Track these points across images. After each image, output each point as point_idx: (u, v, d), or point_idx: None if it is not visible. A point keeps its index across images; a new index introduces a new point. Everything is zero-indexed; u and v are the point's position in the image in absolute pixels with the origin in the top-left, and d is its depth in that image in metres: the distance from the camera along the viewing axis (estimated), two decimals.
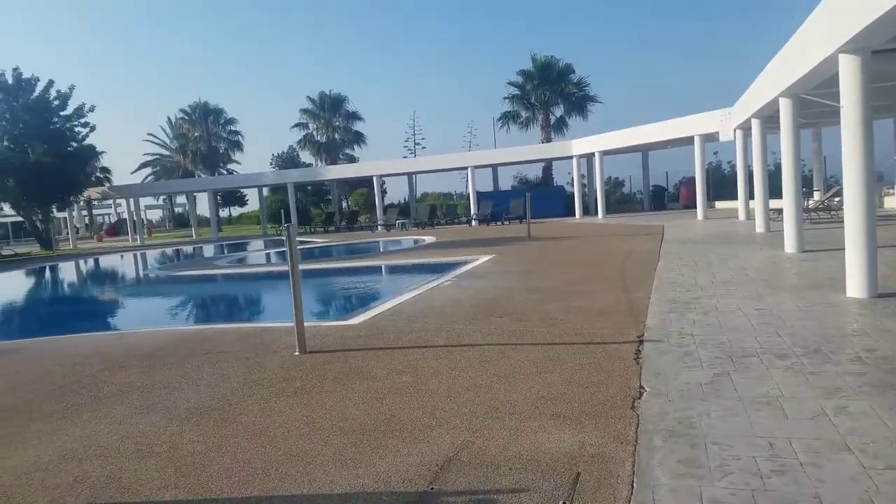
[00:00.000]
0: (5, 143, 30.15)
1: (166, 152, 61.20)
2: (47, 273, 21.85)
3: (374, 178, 30.61)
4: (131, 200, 36.30)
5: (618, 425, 3.35)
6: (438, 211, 31.64)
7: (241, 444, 3.53)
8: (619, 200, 34.75)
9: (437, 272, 10.95)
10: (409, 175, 34.91)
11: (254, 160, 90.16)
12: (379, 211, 30.97)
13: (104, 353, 6.31)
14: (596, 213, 27.22)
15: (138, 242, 34.64)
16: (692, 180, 24.27)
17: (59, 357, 6.30)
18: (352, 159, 45.93)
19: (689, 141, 22.18)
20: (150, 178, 58.49)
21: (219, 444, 3.57)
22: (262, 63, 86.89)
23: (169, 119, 59.20)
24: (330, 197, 52.63)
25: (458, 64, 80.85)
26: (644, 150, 29.01)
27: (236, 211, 72.56)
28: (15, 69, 30.35)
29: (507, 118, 39.83)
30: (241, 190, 57.25)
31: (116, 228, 52.86)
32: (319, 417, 3.86)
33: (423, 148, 58.88)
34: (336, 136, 44.33)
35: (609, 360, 4.62)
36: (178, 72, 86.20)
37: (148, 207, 64.07)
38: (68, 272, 22.05)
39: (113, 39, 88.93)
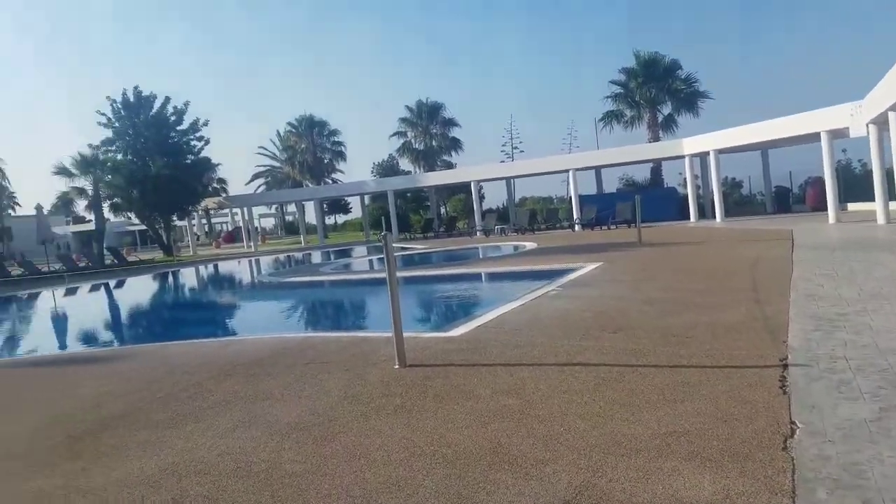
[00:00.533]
0: (129, 157, 32.51)
1: (276, 164, 64.39)
2: (165, 279, 23.27)
3: (472, 184, 30.41)
4: (245, 209, 38.24)
5: (768, 470, 2.82)
6: (539, 215, 30.96)
7: (339, 468, 3.32)
8: (737, 202, 32.58)
9: (540, 280, 10.48)
10: (508, 179, 34.43)
11: (357, 169, 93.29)
12: (477, 216, 30.73)
13: (211, 361, 6.39)
14: (713, 216, 25.44)
15: (252, 249, 36.36)
16: (819, 180, 22.24)
17: (169, 364, 6.45)
18: (449, 165, 46.18)
19: (813, 138, 20.31)
20: (261, 189, 61.65)
21: (317, 465, 3.38)
22: (363, 74, 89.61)
23: (278, 132, 62.32)
24: (429, 203, 53.25)
25: (555, 64, 79.57)
26: (764, 148, 26.95)
27: (341, 218, 75.24)
28: (136, 87, 32.82)
29: (610, 118, 38.60)
30: (345, 198, 59.18)
31: (233, 236, 56.04)
32: (420, 441, 3.58)
33: (521, 151, 58.25)
34: (433, 142, 44.73)
35: (749, 387, 4.02)
36: (289, 86, 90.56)
37: (262, 216, 67.54)
38: (184, 278, 23.37)
39: (227, 57, 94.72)
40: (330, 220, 78.53)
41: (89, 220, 36.78)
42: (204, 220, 64.37)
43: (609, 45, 77.55)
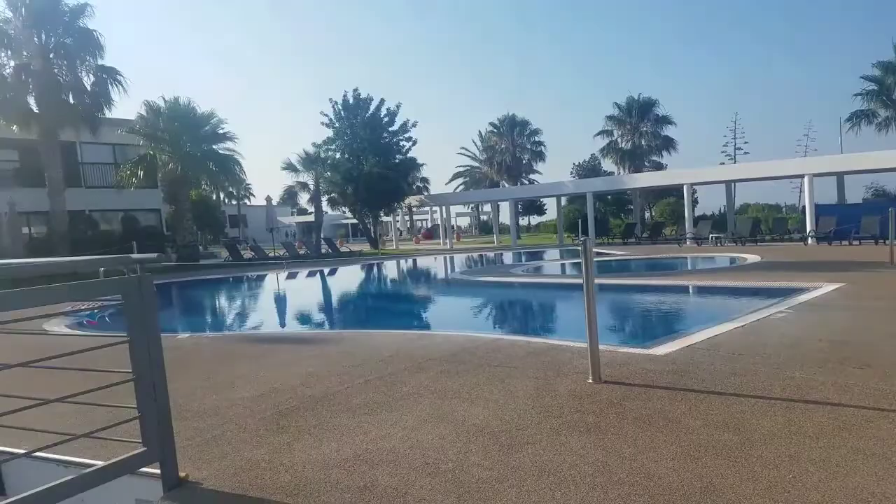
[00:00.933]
0: (346, 156, 35.38)
1: (476, 164, 66.45)
2: (371, 270, 24.92)
3: (685, 187, 28.22)
4: (443, 208, 39.83)
5: None
6: (763, 225, 27.87)
7: (527, 482, 3.12)
8: None
9: (765, 299, 9.25)
10: (728, 183, 31.36)
11: (555, 170, 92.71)
12: (688, 223, 28.50)
13: (406, 352, 6.55)
14: None
15: (448, 247, 37.77)
16: None
17: (369, 352, 6.73)
18: (658, 166, 43.81)
19: None
20: (460, 188, 63.99)
21: (504, 475, 3.22)
22: (563, 71, 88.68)
23: (479, 133, 64.18)
24: (631, 206, 51.05)
25: (788, 57, 71.87)
26: None
27: (535, 220, 75.54)
28: (355, 90, 35.64)
29: (859, 118, 33.90)
30: (541, 199, 59.15)
31: (431, 233, 58.99)
32: (617, 467, 3.24)
33: (746, 153, 53.45)
34: (643, 142, 42.65)
35: None
36: (490, 87, 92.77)
37: (458, 215, 70.31)
38: (386, 270, 24.85)
39: (430, 61, 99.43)
40: (524, 222, 79.33)
41: (310, 213, 40.76)
42: (406, 217, 68.72)
43: (858, 34, 68.18)
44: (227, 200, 61.93)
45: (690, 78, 78.02)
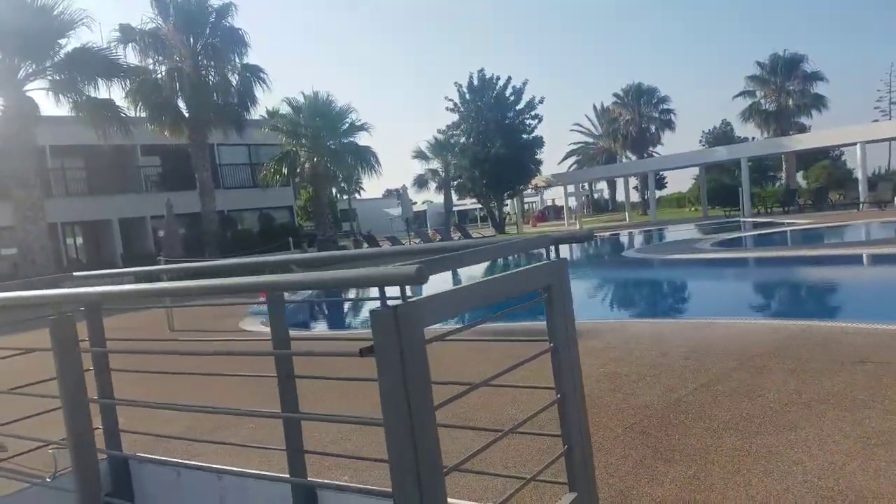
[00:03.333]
0: (471, 140, 34.33)
1: (590, 140, 63.63)
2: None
3: (858, 146, 24.90)
4: (578, 186, 38.02)
5: None
6: None
7: None
8: None
9: None
10: None
11: (678, 140, 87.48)
12: (862, 186, 25.26)
13: (704, 346, 5.44)
14: None
15: (578, 226, 36.08)
16: None
17: (651, 345, 5.64)
18: (801, 129, 39.66)
19: None
20: (573, 167, 61.54)
21: None
22: (693, 37, 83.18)
23: (594, 107, 61.29)
24: (773, 174, 46.83)
25: None
26: None
27: (655, 194, 71.65)
28: (480, 71, 34.49)
29: None
30: (662, 172, 55.65)
31: (544, 215, 57.17)
32: None
33: None
34: (790, 101, 38.64)
35: None
36: (602, 56, 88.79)
37: (569, 195, 67.72)
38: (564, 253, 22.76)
39: (538, 38, 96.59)
40: (641, 197, 75.46)
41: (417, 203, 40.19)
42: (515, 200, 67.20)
43: None
44: (339, 196, 63.27)
45: (834, 27, 70.52)
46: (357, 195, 70.87)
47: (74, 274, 3.50)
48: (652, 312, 9.26)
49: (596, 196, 71.29)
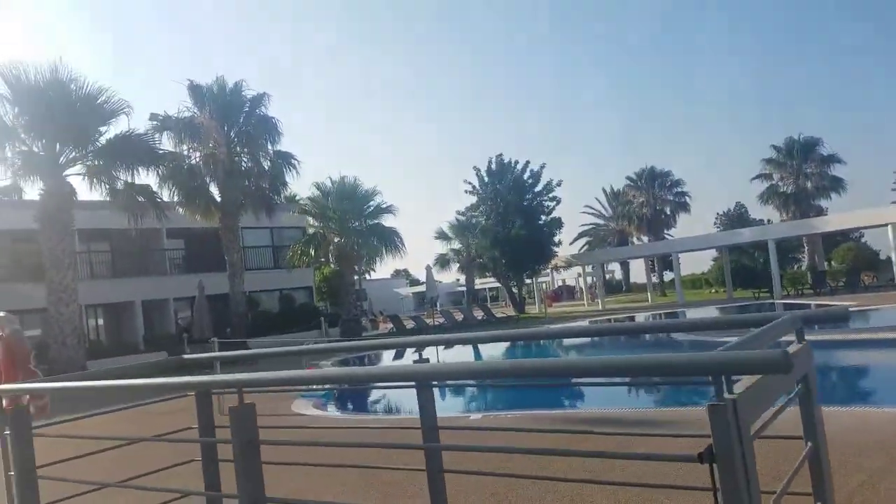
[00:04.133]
0: (491, 220, 34.79)
1: (601, 221, 64.34)
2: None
3: (890, 228, 24.67)
4: (588, 267, 38.04)
5: None
6: None
7: None
8: None
9: None
10: None
11: (689, 222, 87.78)
12: None
13: None
14: None
15: (599, 307, 35.79)
16: None
17: None
18: (820, 211, 39.91)
19: None
20: (584, 248, 61.89)
21: None
22: (702, 121, 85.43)
23: (604, 189, 62.32)
24: (794, 255, 46.83)
25: None
26: None
27: (667, 276, 71.62)
28: (499, 155, 35.45)
29: None
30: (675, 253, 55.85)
31: (558, 295, 56.96)
32: None
33: None
34: (808, 184, 39.09)
35: None
36: (618, 144, 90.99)
37: (580, 275, 67.84)
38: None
39: (557, 118, 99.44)
40: (654, 279, 75.36)
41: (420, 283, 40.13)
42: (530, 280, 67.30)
43: None
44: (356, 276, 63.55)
45: (848, 111, 72.39)
46: (367, 275, 71.41)
47: (185, 357, 3.47)
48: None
49: (607, 277, 71.44)
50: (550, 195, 35.67)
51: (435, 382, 2.45)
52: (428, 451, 2.13)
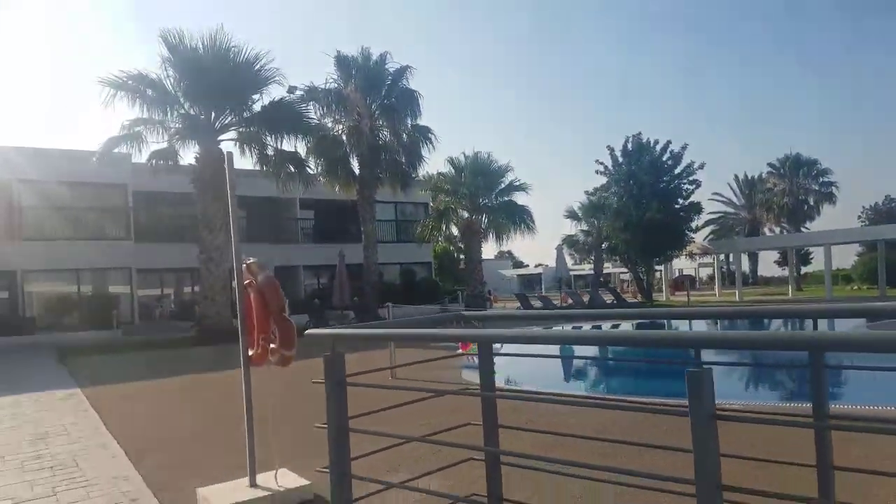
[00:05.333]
0: (625, 202, 33.07)
1: (730, 210, 60.47)
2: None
3: None
4: (730, 256, 35.71)
5: None
6: None
7: None
8: None
9: None
10: None
11: (832, 215, 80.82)
12: None
13: None
14: None
15: (737, 298, 33.56)
16: None
17: None
18: None
19: None
20: (709, 237, 58.43)
21: None
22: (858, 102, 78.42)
23: (735, 176, 58.47)
24: None
25: None
26: None
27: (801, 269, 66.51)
28: (636, 134, 33.58)
29: None
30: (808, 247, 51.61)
31: (679, 284, 54.15)
32: None
33: None
34: None
35: None
36: (753, 129, 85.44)
37: (701, 265, 64.06)
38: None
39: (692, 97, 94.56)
40: (783, 272, 70.27)
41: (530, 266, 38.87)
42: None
43: None
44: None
45: None
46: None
47: (464, 313, 3.33)
48: None
49: (730, 269, 67.32)
50: (690, 178, 33.52)
51: None
52: None
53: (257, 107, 20.80)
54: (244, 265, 5.01)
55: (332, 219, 33.31)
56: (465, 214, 26.51)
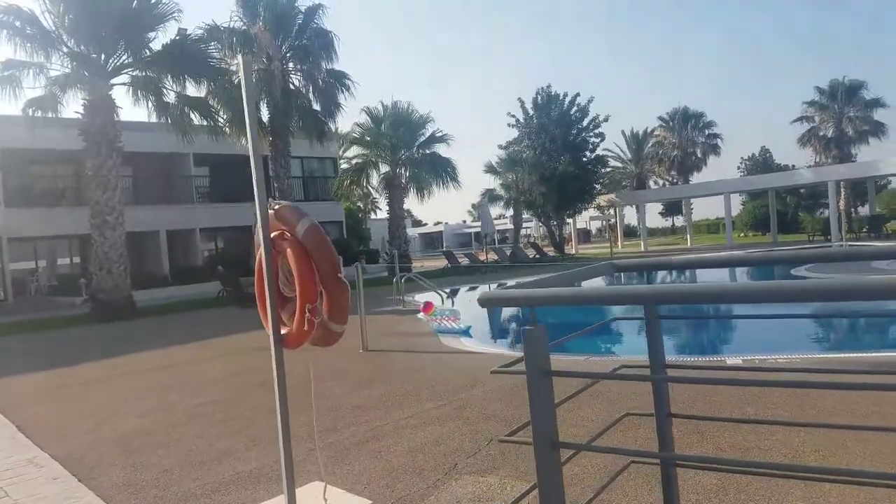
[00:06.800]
0: (537, 155, 32.93)
1: (619, 164, 62.80)
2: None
3: None
4: (638, 206, 36.71)
5: None
6: None
7: None
8: None
9: None
10: None
11: (716, 165, 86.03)
12: None
13: None
14: None
15: (642, 248, 34.69)
16: None
17: None
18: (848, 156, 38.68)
19: None
20: (600, 190, 60.40)
21: None
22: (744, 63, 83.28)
23: (622, 132, 60.53)
24: (825, 200, 45.89)
25: None
26: None
27: (680, 221, 70.68)
28: (546, 87, 33.35)
29: None
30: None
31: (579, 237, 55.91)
32: None
33: None
34: (849, 129, 37.78)
35: None
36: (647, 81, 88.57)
37: (591, 219, 66.36)
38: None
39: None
40: (667, 223, 74.47)
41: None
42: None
43: None
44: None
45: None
46: (373, 214, 69.38)
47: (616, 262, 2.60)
48: None
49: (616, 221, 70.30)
50: (596, 131, 33.89)
51: None
52: None
53: (157, 45, 18.09)
54: (271, 209, 3.73)
55: (231, 176, 30.74)
56: (386, 168, 25.04)
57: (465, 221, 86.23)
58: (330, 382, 6.68)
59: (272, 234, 3.65)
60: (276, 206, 3.72)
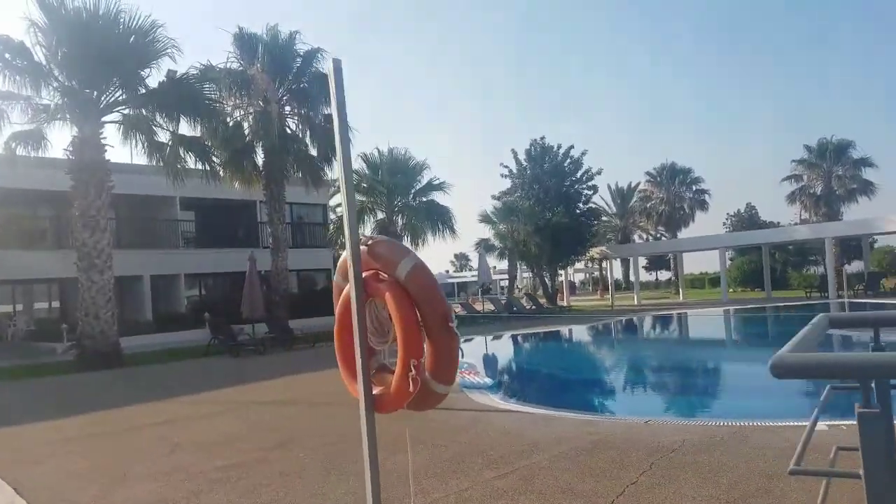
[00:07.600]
0: (533, 205, 32.64)
1: (605, 218, 63.10)
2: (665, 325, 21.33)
3: None
4: (630, 259, 36.44)
5: None
6: None
7: None
8: None
9: None
10: None
11: (702, 221, 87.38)
12: None
13: None
14: None
15: (635, 302, 34.30)
16: None
17: None
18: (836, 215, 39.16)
19: None
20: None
21: None
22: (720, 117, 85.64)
23: (608, 186, 61.07)
24: (814, 257, 46.17)
25: None
26: None
27: (664, 275, 70.76)
28: (541, 138, 33.52)
29: None
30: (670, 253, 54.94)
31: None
32: None
33: None
34: (838, 187, 38.33)
35: None
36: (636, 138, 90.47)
37: (576, 271, 65.96)
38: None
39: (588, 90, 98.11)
40: (650, 277, 74.43)
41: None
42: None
43: None
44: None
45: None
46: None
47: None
48: None
49: (605, 274, 69.98)
50: (589, 184, 33.96)
51: None
52: None
53: (152, 83, 17.49)
54: (363, 244, 3.12)
55: (218, 220, 29.96)
56: (381, 215, 24.49)
57: (447, 271, 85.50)
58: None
59: (364, 275, 2.99)
60: (370, 242, 3.08)
